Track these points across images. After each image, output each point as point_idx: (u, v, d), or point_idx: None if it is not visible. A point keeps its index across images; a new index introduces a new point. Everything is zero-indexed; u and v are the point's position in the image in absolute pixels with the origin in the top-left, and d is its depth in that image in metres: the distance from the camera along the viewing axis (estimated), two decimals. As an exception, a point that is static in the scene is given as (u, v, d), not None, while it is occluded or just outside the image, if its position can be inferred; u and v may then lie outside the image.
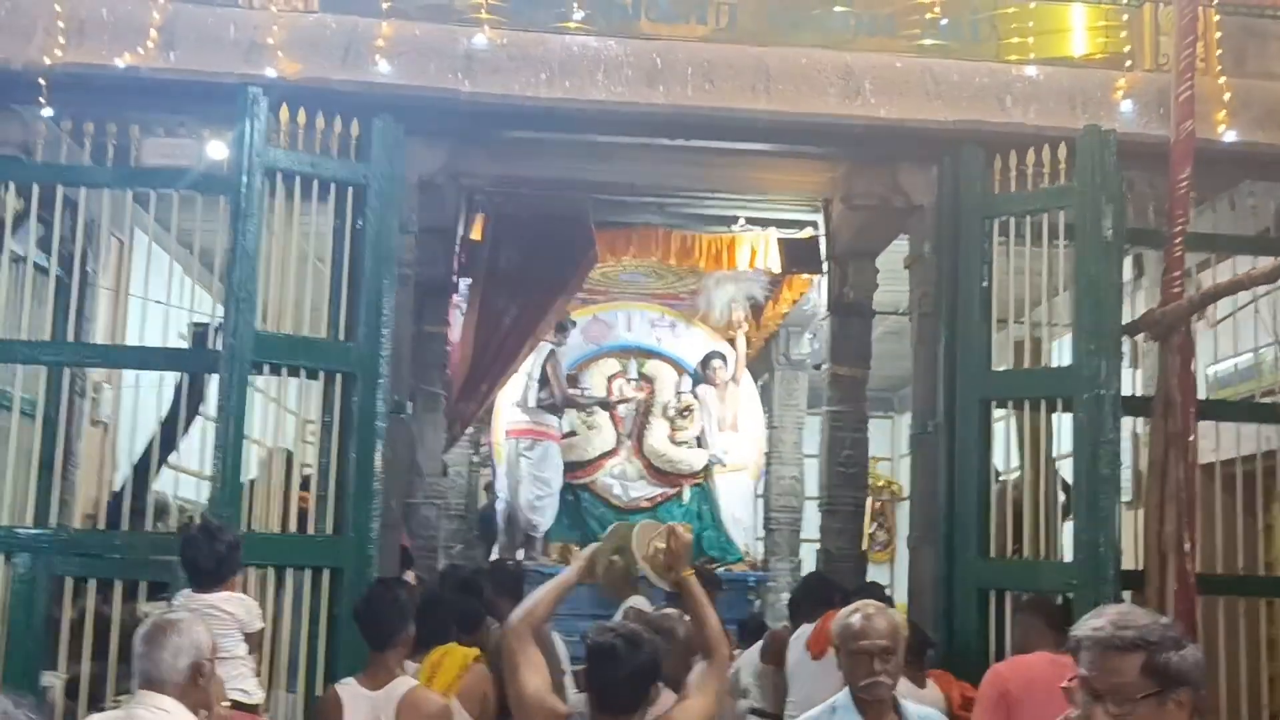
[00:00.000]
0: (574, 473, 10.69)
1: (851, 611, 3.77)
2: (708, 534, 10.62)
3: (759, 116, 6.49)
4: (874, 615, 3.71)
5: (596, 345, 11.10)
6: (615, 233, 9.32)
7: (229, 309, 5.78)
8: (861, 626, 3.67)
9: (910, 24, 6.88)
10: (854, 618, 3.72)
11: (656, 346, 11.21)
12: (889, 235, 7.89)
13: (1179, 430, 6.19)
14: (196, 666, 3.36)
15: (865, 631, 3.65)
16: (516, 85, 6.37)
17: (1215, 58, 6.75)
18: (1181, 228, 6.25)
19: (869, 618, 3.69)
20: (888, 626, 3.68)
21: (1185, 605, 6.01)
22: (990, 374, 6.42)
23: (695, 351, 11.05)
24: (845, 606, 4.61)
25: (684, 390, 11.06)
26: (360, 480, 6.01)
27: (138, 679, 3.36)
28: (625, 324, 11.20)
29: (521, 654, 3.70)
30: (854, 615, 3.73)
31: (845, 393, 8.49)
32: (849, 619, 3.73)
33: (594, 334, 11.09)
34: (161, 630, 3.37)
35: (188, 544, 4.92)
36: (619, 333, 11.17)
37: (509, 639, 3.77)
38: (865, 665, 3.62)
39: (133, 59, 6.12)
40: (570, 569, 4.08)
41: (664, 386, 11.04)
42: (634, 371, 11.15)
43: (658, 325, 11.21)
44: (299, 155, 6.03)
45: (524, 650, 3.71)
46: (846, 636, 3.70)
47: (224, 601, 4.76)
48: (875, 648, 3.62)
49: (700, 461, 10.89)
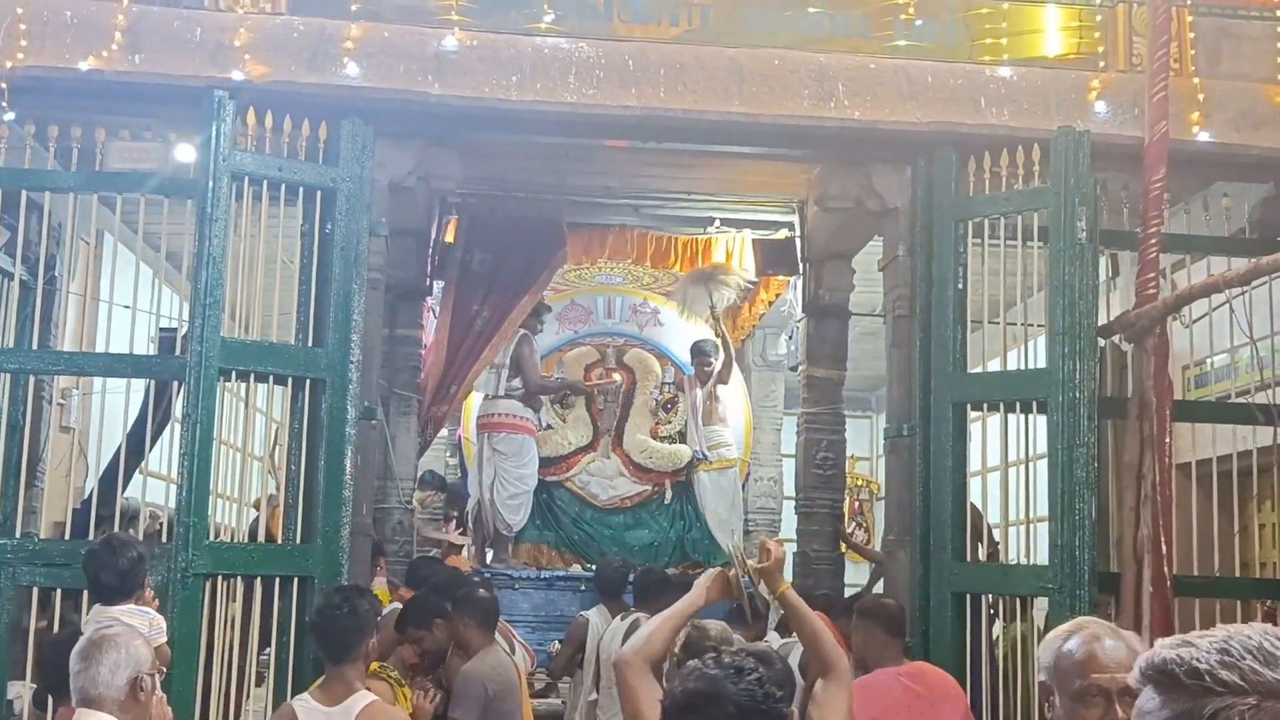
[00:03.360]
0: (547, 469, 9.77)
1: (1068, 635, 2.61)
2: (691, 536, 9.89)
3: (732, 118, 6.44)
4: (1104, 638, 2.59)
5: (574, 332, 10.26)
6: (590, 234, 9.28)
7: (195, 315, 5.71)
8: (1093, 655, 2.55)
9: (884, 25, 6.84)
10: (1071, 643, 2.58)
11: (638, 334, 10.38)
12: (864, 237, 7.86)
13: (1155, 432, 6.18)
14: (135, 682, 3.29)
15: (1101, 662, 2.54)
16: (487, 87, 6.30)
17: (1189, 58, 6.75)
18: (1155, 229, 6.24)
19: (1098, 640, 2.57)
20: (1128, 655, 2.50)
21: (1161, 607, 6.00)
22: (964, 376, 6.40)
23: (680, 340, 10.21)
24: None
25: (668, 381, 10.28)
26: (329, 487, 5.95)
27: (75, 696, 3.29)
28: (605, 310, 10.36)
29: (641, 690, 3.34)
30: (1071, 640, 2.59)
31: (821, 394, 8.46)
32: (1065, 645, 2.58)
33: (571, 320, 10.23)
34: (98, 646, 3.31)
35: (90, 558, 4.86)
36: (598, 319, 10.34)
37: (625, 674, 3.43)
38: (1098, 710, 2.53)
39: (97, 62, 6.03)
40: (695, 594, 3.67)
41: (646, 377, 10.24)
42: (613, 361, 10.31)
43: (640, 311, 10.39)
44: (266, 159, 5.97)
45: (642, 685, 3.36)
46: (1068, 671, 2.56)
47: (126, 614, 4.64)
48: (1116, 685, 2.48)
49: (684, 457, 10.01)
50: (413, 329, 8.28)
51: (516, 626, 7.49)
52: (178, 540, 5.56)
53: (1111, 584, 6.23)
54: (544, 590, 9.05)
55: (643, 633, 3.56)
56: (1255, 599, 6.26)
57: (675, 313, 10.10)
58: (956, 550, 6.23)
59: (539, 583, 9.13)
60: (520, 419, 9.28)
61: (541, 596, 8.97)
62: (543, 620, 8.79)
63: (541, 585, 9.11)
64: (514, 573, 9.12)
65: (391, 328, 8.09)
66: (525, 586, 9.07)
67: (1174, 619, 6.10)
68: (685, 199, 8.73)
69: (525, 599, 8.95)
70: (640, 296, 10.42)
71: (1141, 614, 6.04)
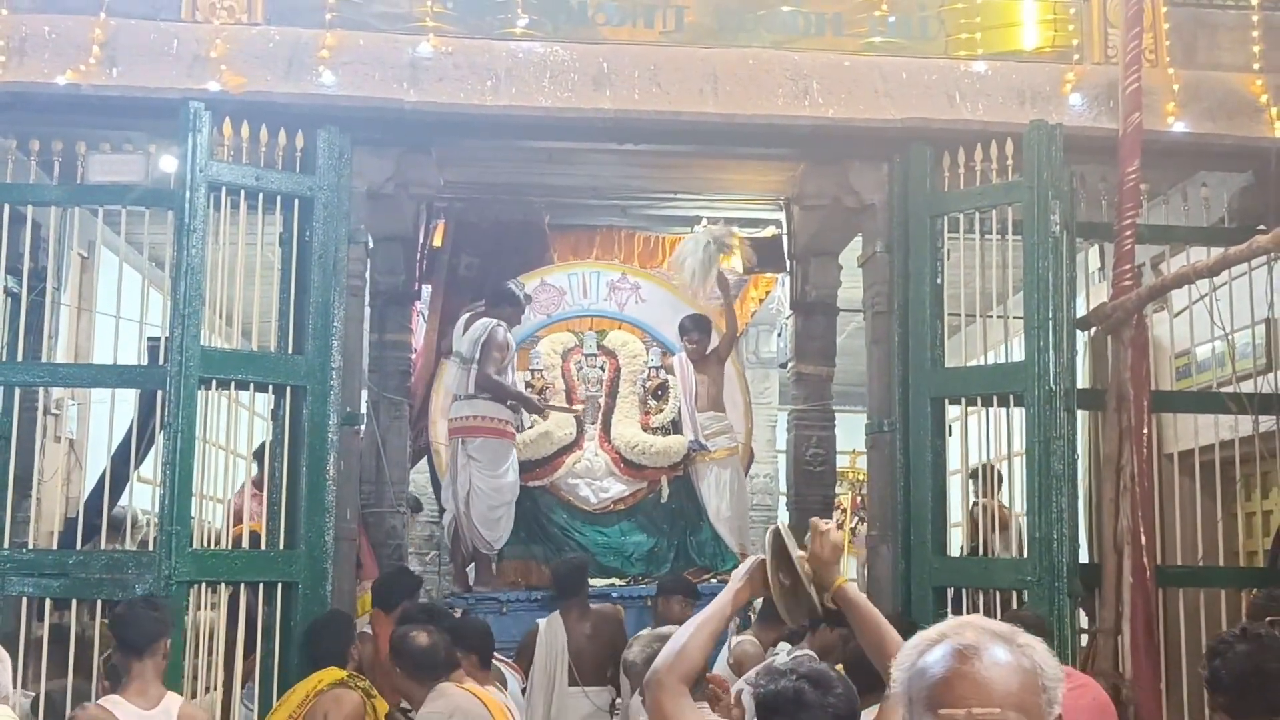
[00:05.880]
0: (529, 474, 8.61)
1: (931, 642, 1.86)
2: (695, 539, 8.80)
3: (707, 119, 6.47)
4: (982, 651, 1.81)
5: (546, 315, 9.09)
6: (579, 235, 9.33)
7: (174, 325, 5.77)
8: (954, 678, 1.80)
9: (858, 22, 6.86)
10: (933, 655, 1.83)
11: (619, 313, 9.20)
12: (846, 234, 7.88)
13: (1133, 423, 6.19)
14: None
15: (957, 692, 1.79)
16: (462, 93, 6.35)
17: (1165, 49, 6.75)
18: (1131, 220, 6.26)
19: (972, 657, 1.80)
20: (1017, 677, 1.80)
21: (1141, 599, 6.02)
22: (942, 371, 6.42)
23: (667, 317, 9.06)
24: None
25: (654, 365, 9.09)
26: (312, 493, 6.01)
27: None
28: (580, 288, 9.18)
29: (675, 711, 2.90)
30: (934, 651, 1.84)
31: (810, 391, 8.50)
32: (924, 657, 1.84)
33: (543, 302, 9.06)
34: None
35: None
36: (573, 299, 9.16)
37: (659, 696, 2.94)
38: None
39: (75, 76, 6.09)
40: (726, 595, 3.12)
41: (631, 362, 9.08)
42: (592, 344, 9.10)
43: (619, 288, 9.23)
44: (244, 169, 6.02)
45: (676, 706, 2.91)
46: (919, 697, 1.83)
47: None
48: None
49: (679, 450, 8.83)
50: (402, 334, 8.33)
51: (508, 654, 6.80)
52: (161, 548, 5.62)
53: (1093, 576, 6.26)
54: (536, 611, 7.59)
55: (674, 645, 3.01)
56: (1239, 588, 6.26)
57: (659, 288, 9.21)
58: (937, 544, 6.25)
59: (529, 604, 7.82)
60: (498, 421, 8.12)
61: (533, 619, 7.40)
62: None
63: (533, 606, 7.75)
64: (501, 595, 7.96)
65: (381, 332, 8.15)
66: (515, 609, 7.83)
67: (1156, 610, 6.12)
68: (672, 198, 8.78)
69: (516, 622, 7.62)
70: (619, 271, 9.32)
71: (1122, 604, 6.06)
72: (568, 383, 9.04)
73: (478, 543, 8.12)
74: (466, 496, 8.00)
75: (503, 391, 8.17)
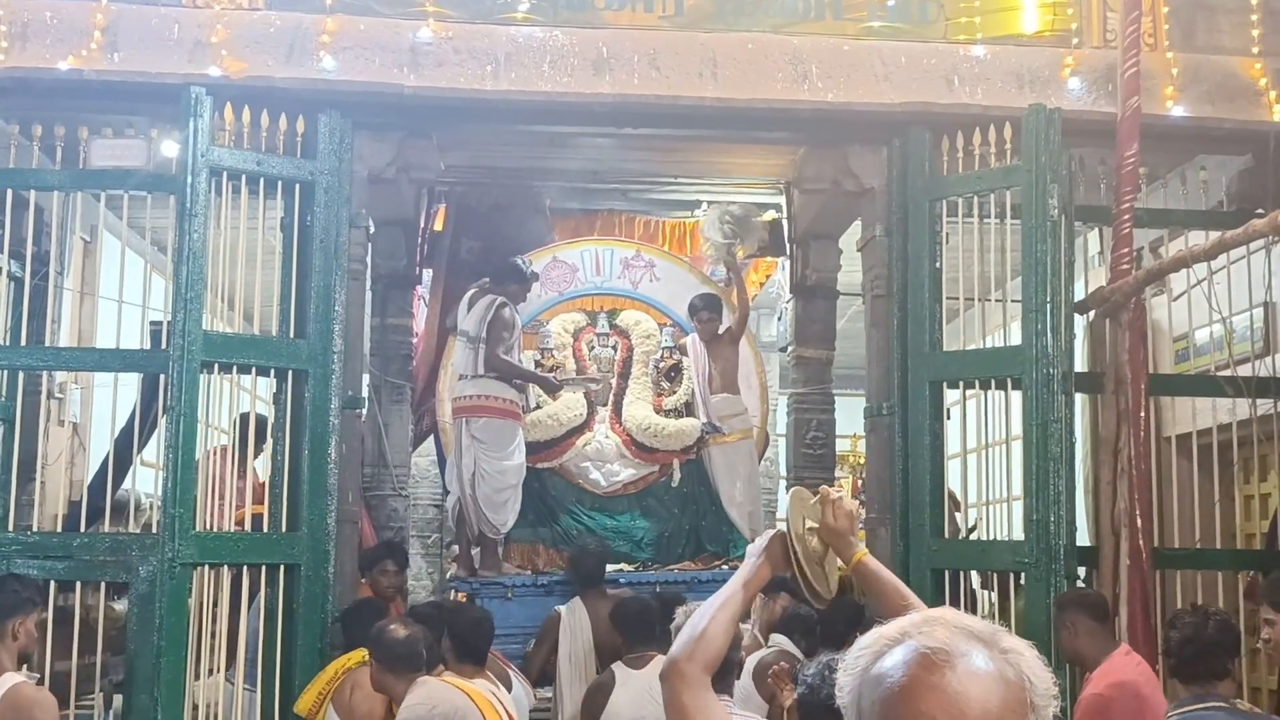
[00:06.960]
0: (537, 455, 8.34)
1: (890, 643, 1.48)
2: (705, 524, 8.55)
3: (706, 103, 6.48)
4: (956, 659, 1.42)
5: (558, 294, 8.84)
6: (580, 219, 9.34)
7: (176, 309, 5.80)
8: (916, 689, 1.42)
9: (858, 6, 6.87)
10: (890, 660, 1.45)
11: (633, 291, 8.92)
12: (846, 218, 7.90)
13: (1131, 406, 6.22)
14: None
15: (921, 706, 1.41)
16: (462, 78, 6.37)
17: (1164, 33, 6.76)
18: (1129, 204, 6.27)
19: (944, 665, 1.42)
20: (998, 691, 1.41)
21: (1138, 581, 6.05)
22: (941, 355, 6.45)
23: (682, 295, 8.74)
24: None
25: (668, 345, 8.82)
26: (314, 476, 6.05)
27: None
28: (593, 266, 8.90)
29: (696, 707, 2.59)
30: (892, 655, 1.46)
31: (810, 374, 8.53)
32: (880, 663, 1.47)
33: (554, 279, 8.81)
34: None
35: None
36: (585, 277, 8.89)
37: (677, 687, 2.64)
38: None
39: (77, 61, 6.12)
40: (745, 570, 2.80)
41: (644, 341, 8.84)
42: (605, 324, 8.87)
43: (633, 266, 8.93)
44: (245, 154, 6.05)
45: (698, 701, 2.60)
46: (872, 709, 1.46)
47: None
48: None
49: (692, 433, 8.57)
50: (404, 318, 8.38)
51: (514, 640, 6.92)
52: (164, 531, 5.67)
53: (1091, 558, 6.29)
54: (542, 596, 7.59)
55: (693, 629, 2.69)
56: (1235, 570, 6.29)
57: (675, 265, 9.02)
58: (935, 527, 6.29)
59: (536, 589, 7.73)
60: (503, 401, 7.89)
61: (539, 604, 7.45)
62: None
63: (539, 591, 7.69)
64: (507, 580, 7.79)
65: (382, 317, 8.20)
66: (521, 594, 7.71)
67: (1153, 592, 6.16)
68: (673, 182, 8.79)
69: (522, 608, 7.56)
70: (632, 249, 9.02)
71: (1119, 587, 6.09)
72: (579, 362, 8.81)
73: (484, 526, 7.90)
74: (471, 479, 7.80)
75: (514, 372, 7.99)
